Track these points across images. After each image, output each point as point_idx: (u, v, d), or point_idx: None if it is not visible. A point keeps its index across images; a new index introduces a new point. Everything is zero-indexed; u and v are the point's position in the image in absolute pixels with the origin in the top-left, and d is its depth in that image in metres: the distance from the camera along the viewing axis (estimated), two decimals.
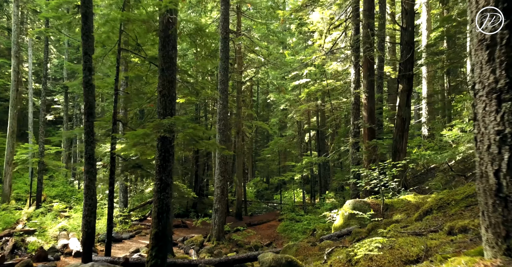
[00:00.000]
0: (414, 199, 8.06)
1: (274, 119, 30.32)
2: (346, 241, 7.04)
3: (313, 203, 23.10)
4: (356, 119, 12.97)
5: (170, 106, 6.75)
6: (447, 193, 5.49)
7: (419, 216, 5.47)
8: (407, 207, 7.58)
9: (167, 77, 6.78)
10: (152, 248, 6.37)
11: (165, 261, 6.41)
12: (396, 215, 7.33)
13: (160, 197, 6.55)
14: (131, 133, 6.39)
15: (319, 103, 22.70)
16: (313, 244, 7.21)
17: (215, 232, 13.83)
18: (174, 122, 6.36)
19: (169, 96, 6.77)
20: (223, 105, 14.15)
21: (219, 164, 14.04)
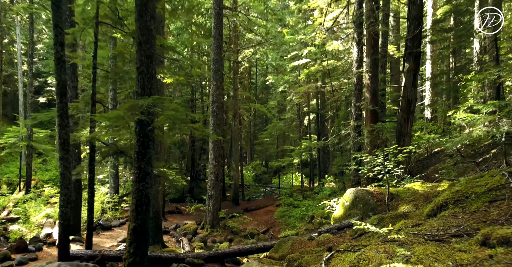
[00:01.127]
0: (421, 187, 7.36)
1: (272, 102, 29.46)
2: (347, 235, 6.37)
3: (312, 187, 22.52)
4: (358, 101, 12.16)
5: (149, 85, 5.94)
6: (464, 184, 4.74)
7: (432, 211, 4.75)
8: (415, 197, 6.87)
9: (145, 51, 5.95)
10: (130, 244, 5.69)
11: (144, 258, 5.75)
12: (403, 206, 6.63)
13: (139, 187, 5.83)
14: (100, 115, 5.61)
15: (319, 85, 21.80)
16: (310, 238, 6.54)
17: (209, 219, 13.24)
18: (152, 103, 5.57)
19: (148, 74, 5.96)
20: (216, 86, 13.29)
21: (213, 148, 13.31)
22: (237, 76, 21.07)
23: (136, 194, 5.84)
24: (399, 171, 8.12)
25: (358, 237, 5.94)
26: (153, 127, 5.88)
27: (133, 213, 5.80)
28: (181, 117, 5.85)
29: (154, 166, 8.44)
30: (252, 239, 13.11)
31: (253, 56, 25.38)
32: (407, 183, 8.17)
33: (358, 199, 7.46)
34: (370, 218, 7.02)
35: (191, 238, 12.17)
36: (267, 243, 7.27)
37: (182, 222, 15.20)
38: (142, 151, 5.89)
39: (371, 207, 7.21)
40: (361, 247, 3.91)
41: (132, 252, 5.63)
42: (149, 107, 5.56)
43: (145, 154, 5.90)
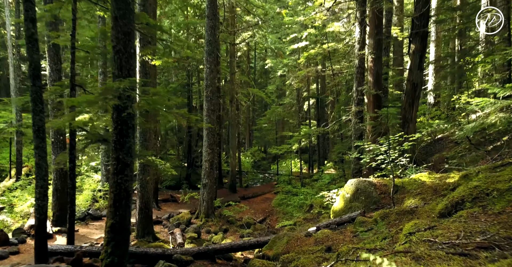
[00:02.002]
0: (429, 179, 6.77)
1: (271, 87, 28.66)
2: (348, 231, 5.82)
3: (311, 174, 22.03)
4: (360, 85, 11.47)
5: (127, 66, 5.26)
6: (483, 178, 4.14)
7: (446, 209, 4.16)
8: (422, 190, 6.30)
9: (122, 27, 5.25)
10: (107, 243, 5.13)
11: (124, 259, 5.20)
12: (409, 200, 6.06)
13: (117, 180, 5.23)
14: (68, 100, 4.97)
15: (319, 69, 21.00)
16: (307, 234, 5.99)
17: (203, 209, 12.74)
18: (130, 86, 4.92)
19: (126, 53, 5.27)
20: (210, 69, 12.57)
21: (207, 135, 12.69)
22: (234, 59, 20.27)
23: (114, 187, 5.24)
24: (404, 160, 7.53)
25: (360, 234, 5.39)
26: (131, 113, 5.24)
27: (110, 209, 5.22)
28: (163, 102, 5.21)
29: (142, 155, 7.85)
30: (248, 229, 12.64)
31: (251, 39, 24.50)
32: (412, 173, 7.59)
33: (360, 191, 6.90)
34: (373, 211, 6.48)
35: (184, 228, 11.69)
36: (261, 238, 6.74)
37: (177, 210, 14.73)
38: (120, 139, 5.26)
39: (374, 200, 6.65)
40: (365, 253, 3.33)
41: (110, 252, 5.08)
42: (125, 91, 4.91)
43: (123, 143, 5.28)
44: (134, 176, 14.41)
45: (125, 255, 5.23)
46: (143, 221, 9.72)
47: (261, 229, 12.90)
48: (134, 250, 6.76)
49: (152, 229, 10.03)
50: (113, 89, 4.75)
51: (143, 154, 8.01)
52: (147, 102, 5.09)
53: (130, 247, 7.07)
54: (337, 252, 4.32)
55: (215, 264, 6.73)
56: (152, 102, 5.10)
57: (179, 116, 5.77)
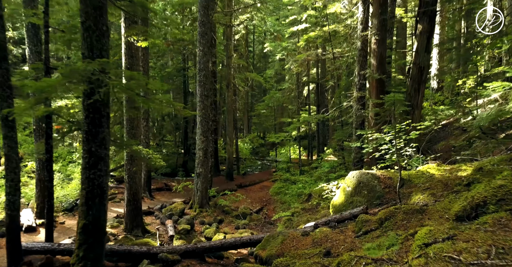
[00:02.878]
0: (438, 171, 6.18)
1: (270, 71, 27.81)
2: (349, 230, 5.26)
3: (310, 161, 21.50)
4: (363, 69, 10.77)
5: (98, 45, 4.59)
6: (510, 176, 3.53)
7: (464, 211, 3.56)
8: (431, 184, 5.71)
9: (92, 1, 4.55)
10: (79, 245, 4.57)
11: (99, 263, 4.64)
12: (417, 196, 5.48)
13: (90, 175, 4.64)
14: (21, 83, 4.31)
15: (319, 52, 20.17)
16: (304, 233, 5.43)
17: (197, 199, 12.22)
18: (100, 68, 4.26)
19: (97, 31, 4.59)
20: (203, 52, 11.82)
21: (200, 122, 12.05)
22: (231, 42, 19.43)
23: (86, 183, 4.65)
24: (410, 150, 6.93)
25: (362, 235, 4.83)
26: (105, 100, 4.60)
27: (82, 208, 4.64)
28: (141, 88, 4.55)
29: (128, 144, 7.23)
30: (244, 219, 12.16)
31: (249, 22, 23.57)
32: (419, 165, 7.00)
33: (362, 185, 6.31)
34: (376, 207, 5.91)
35: (177, 219, 11.19)
36: (254, 236, 6.20)
37: (171, 200, 14.23)
38: (93, 129, 4.64)
39: (378, 195, 6.07)
40: None
41: (82, 256, 4.52)
42: (94, 74, 4.25)
43: (96, 134, 4.66)
44: (121, 166, 13.60)
45: (99, 259, 4.68)
46: (131, 213, 9.20)
47: (258, 219, 12.42)
48: (117, 248, 6.23)
49: (142, 221, 9.51)
50: (79, 72, 4.09)
51: (128, 143, 7.39)
52: (121, 87, 4.43)
53: (112, 244, 6.54)
54: (338, 259, 3.76)
55: (204, 263, 6.21)
56: (127, 88, 4.45)
57: (163, 104, 5.13)
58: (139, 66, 9.10)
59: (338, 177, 13.66)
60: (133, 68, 8.95)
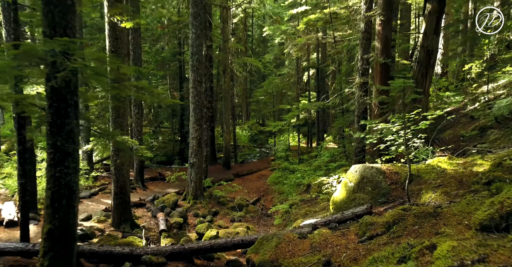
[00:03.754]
0: (450, 165, 5.58)
1: (268, 56, 26.91)
2: (352, 233, 4.70)
3: (309, 150, 20.92)
4: (366, 52, 10.05)
5: (62, 23, 3.92)
6: None
7: (491, 219, 2.98)
8: (443, 180, 5.12)
9: None
10: (44, 253, 4.01)
11: None
12: (428, 194, 4.90)
13: (55, 173, 4.04)
14: None
15: (319, 36, 19.34)
16: (301, 235, 4.88)
17: (191, 190, 11.69)
18: (63, 49, 3.60)
19: (60, 5, 3.91)
20: (196, 35, 11.08)
21: (193, 110, 11.41)
22: (228, 25, 18.57)
23: (52, 183, 4.06)
24: (418, 142, 6.32)
25: (367, 240, 4.27)
26: (71, 86, 3.95)
27: (47, 211, 4.06)
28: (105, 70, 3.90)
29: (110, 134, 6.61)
30: (240, 211, 11.66)
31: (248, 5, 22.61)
32: (426, 156, 6.40)
33: (366, 180, 5.73)
34: (382, 206, 5.34)
35: (170, 212, 10.70)
36: (246, 237, 5.65)
37: (164, 190, 13.72)
38: (58, 121, 4.02)
39: (383, 192, 5.50)
40: None
41: (47, 266, 3.96)
42: (55, 55, 3.60)
43: (62, 126, 4.04)
44: (105, 161, 12.87)
45: None
46: (119, 207, 8.66)
47: (254, 211, 11.93)
48: (97, 249, 5.70)
49: (130, 215, 8.99)
50: (33, 53, 3.43)
51: (112, 134, 6.77)
52: (89, 72, 3.79)
53: (93, 245, 6.01)
54: None
55: (193, 265, 5.68)
56: (95, 72, 3.81)
57: (141, 92, 4.49)
58: (125, 49, 8.38)
59: (338, 166, 13.11)
60: (118, 52, 8.25)
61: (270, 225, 10.61)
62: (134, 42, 13.08)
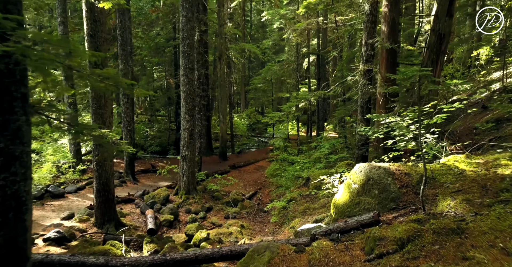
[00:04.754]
0: (469, 166, 4.87)
1: (267, 42, 25.94)
2: (357, 247, 4.02)
3: (309, 140, 20.21)
4: (371, 37, 9.23)
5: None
6: None
7: None
8: (463, 184, 4.42)
9: None
10: None
11: None
12: (445, 201, 4.20)
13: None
14: None
15: (320, 20, 18.38)
16: (298, 249, 4.20)
17: (183, 184, 11.04)
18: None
19: None
20: (187, 18, 10.24)
21: (185, 99, 10.66)
22: (224, 9, 17.64)
23: None
24: (431, 137, 5.61)
25: (376, 259, 3.59)
26: (17, 76, 3.21)
27: None
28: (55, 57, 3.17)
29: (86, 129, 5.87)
30: (235, 207, 11.04)
31: None
32: (437, 152, 5.68)
33: (372, 182, 5.03)
34: (391, 213, 4.66)
35: (160, 208, 10.06)
36: (236, 247, 4.98)
37: (156, 184, 13.08)
38: (0, 118, 3.28)
39: (392, 196, 4.80)
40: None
41: None
42: None
43: (6, 124, 3.30)
44: (83, 157, 12.09)
45: None
46: (102, 206, 8.01)
47: (250, 206, 11.31)
48: (68, 260, 5.04)
49: (115, 214, 8.34)
50: None
51: (85, 128, 6.02)
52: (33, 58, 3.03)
53: (63, 255, 5.35)
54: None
55: None
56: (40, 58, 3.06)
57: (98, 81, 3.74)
58: (105, 33, 7.58)
59: (339, 159, 12.44)
60: (98, 36, 7.46)
61: (267, 222, 9.99)
62: (121, 26, 12.23)
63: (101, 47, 7.53)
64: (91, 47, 7.44)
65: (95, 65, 7.54)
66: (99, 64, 7.56)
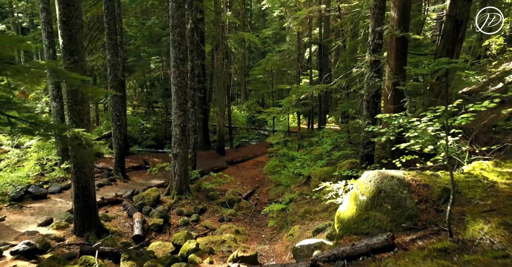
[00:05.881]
0: (500, 177, 4.08)
1: (267, 30, 24.91)
2: None
3: (310, 133, 19.42)
4: (379, 24, 8.35)
5: None
6: None
7: None
8: (496, 202, 3.64)
9: None
10: None
11: None
12: (477, 224, 3.42)
13: None
14: None
15: (322, 8, 17.40)
16: None
17: (175, 184, 10.31)
18: None
19: None
20: (177, 3, 9.35)
21: (175, 92, 9.84)
22: None
23: None
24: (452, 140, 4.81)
25: None
26: None
27: None
28: None
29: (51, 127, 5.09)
30: (230, 208, 10.33)
31: None
32: (463, 161, 4.88)
33: (384, 194, 4.25)
34: (407, 234, 3.88)
35: (149, 210, 9.33)
36: None
37: (148, 182, 12.34)
38: None
39: (408, 214, 4.02)
40: None
41: None
42: None
43: None
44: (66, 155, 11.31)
45: None
46: (81, 211, 7.26)
47: (247, 207, 10.60)
48: None
49: (96, 220, 7.60)
50: None
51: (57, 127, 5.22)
52: None
53: None
54: None
55: None
56: None
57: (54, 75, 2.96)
58: (80, 19, 6.73)
59: (343, 156, 11.67)
60: (72, 22, 6.61)
61: (264, 225, 9.27)
62: (108, 13, 11.36)
63: (76, 35, 6.69)
64: (65, 35, 6.61)
65: (70, 55, 6.74)
66: (74, 55, 6.75)
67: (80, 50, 6.84)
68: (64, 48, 6.67)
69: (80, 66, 6.82)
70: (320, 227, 6.59)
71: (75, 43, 6.69)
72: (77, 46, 6.74)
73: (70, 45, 6.67)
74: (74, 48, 6.71)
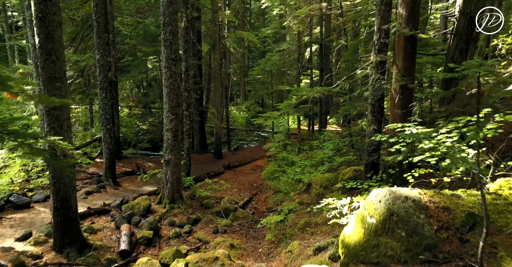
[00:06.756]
0: None
1: (266, 29, 24.26)
2: None
3: (311, 136, 18.81)
4: (385, 22, 7.74)
5: None
6: None
7: None
8: None
9: None
10: None
11: None
12: None
13: None
14: None
15: (323, 6, 16.77)
16: None
17: (167, 192, 9.70)
18: None
19: None
20: (168, 0, 8.74)
21: (167, 95, 9.23)
22: None
23: None
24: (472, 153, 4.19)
25: None
26: None
27: None
28: None
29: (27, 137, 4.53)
30: (226, 218, 9.72)
31: None
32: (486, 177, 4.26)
33: (397, 218, 3.64)
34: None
35: (139, 221, 8.74)
36: None
37: (140, 188, 11.74)
38: None
39: (427, 243, 3.41)
40: None
41: None
42: None
43: None
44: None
45: None
46: (61, 226, 6.67)
47: (244, 217, 10.00)
48: None
49: (78, 234, 7.00)
50: None
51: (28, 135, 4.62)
52: None
53: None
54: None
55: None
56: None
57: None
58: (59, 16, 6.13)
59: (345, 163, 11.06)
60: (50, 19, 6.00)
61: (261, 238, 8.66)
62: (97, 11, 10.75)
63: (54, 33, 6.09)
64: (41, 33, 6.01)
65: (47, 55, 6.13)
66: (52, 54, 6.14)
67: (59, 50, 6.24)
68: (40, 47, 6.07)
69: (58, 68, 6.22)
70: (321, 245, 5.99)
71: (52, 42, 6.09)
72: (54, 45, 6.14)
73: (47, 44, 6.07)
74: (51, 47, 6.11)
